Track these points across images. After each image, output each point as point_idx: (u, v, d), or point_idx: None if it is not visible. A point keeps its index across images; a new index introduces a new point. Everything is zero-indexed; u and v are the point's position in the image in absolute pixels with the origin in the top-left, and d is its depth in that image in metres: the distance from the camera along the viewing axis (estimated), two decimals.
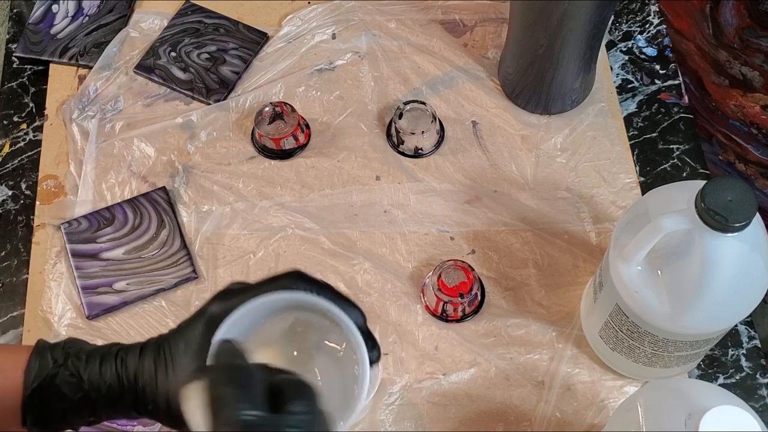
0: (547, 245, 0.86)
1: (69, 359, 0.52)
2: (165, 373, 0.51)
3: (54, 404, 0.51)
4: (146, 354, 0.52)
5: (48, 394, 0.51)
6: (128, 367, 0.52)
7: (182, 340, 0.51)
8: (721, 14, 1.05)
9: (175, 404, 0.48)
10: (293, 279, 0.52)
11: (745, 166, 1.15)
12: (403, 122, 0.90)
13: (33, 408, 0.51)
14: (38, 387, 0.51)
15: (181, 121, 0.94)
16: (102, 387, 0.51)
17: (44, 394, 0.51)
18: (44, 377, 0.51)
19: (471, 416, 0.78)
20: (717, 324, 0.67)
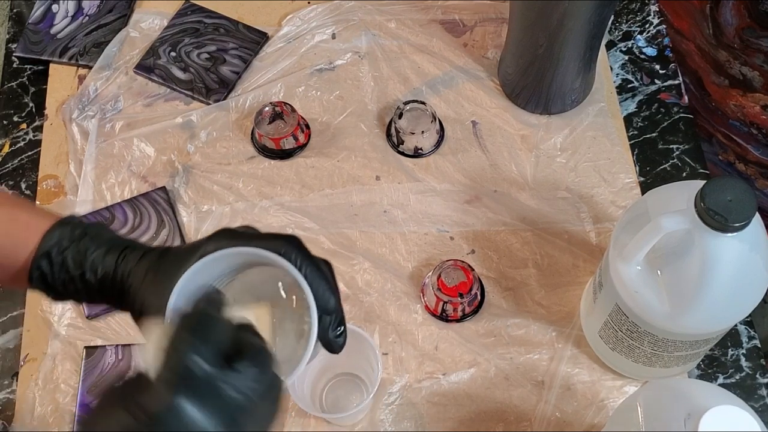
0: (547, 245, 0.86)
1: (83, 239, 0.55)
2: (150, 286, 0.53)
3: (57, 272, 0.55)
4: (144, 261, 0.54)
5: (55, 262, 0.55)
6: (127, 264, 0.55)
7: (176, 262, 0.53)
8: (721, 14, 1.05)
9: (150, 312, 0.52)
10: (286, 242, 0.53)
11: (745, 166, 1.15)
12: (403, 122, 0.90)
13: (40, 270, 0.55)
14: (48, 253, 0.55)
15: (181, 121, 0.94)
16: (98, 273, 0.55)
17: (52, 261, 0.55)
18: (57, 247, 0.55)
19: (471, 416, 0.78)
20: (717, 324, 0.67)
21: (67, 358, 0.81)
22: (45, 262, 0.55)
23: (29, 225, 0.56)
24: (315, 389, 0.78)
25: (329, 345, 0.54)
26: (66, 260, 0.55)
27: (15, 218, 0.57)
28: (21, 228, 0.56)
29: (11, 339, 0.83)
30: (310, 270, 0.53)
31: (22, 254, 0.55)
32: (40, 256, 0.55)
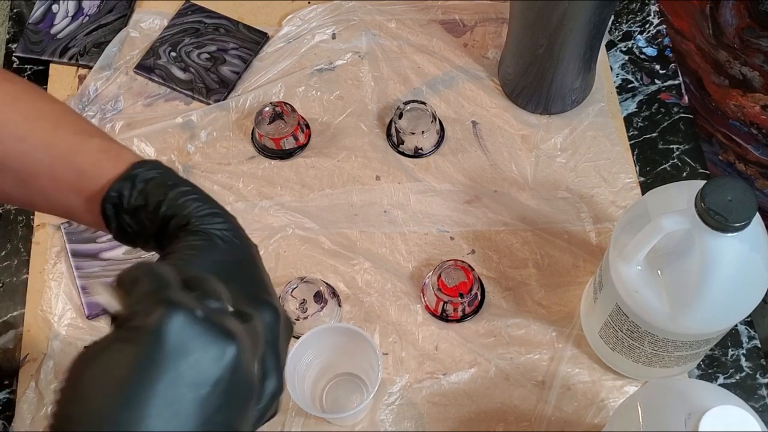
0: (547, 245, 0.86)
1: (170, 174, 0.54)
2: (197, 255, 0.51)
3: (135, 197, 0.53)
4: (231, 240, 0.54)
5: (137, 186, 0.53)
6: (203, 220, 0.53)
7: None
8: (721, 14, 1.05)
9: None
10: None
11: (745, 166, 1.15)
12: (403, 122, 0.90)
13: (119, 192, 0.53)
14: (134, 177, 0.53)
15: (181, 121, 0.94)
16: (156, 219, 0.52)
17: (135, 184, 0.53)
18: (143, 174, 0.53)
19: (471, 416, 0.78)
20: (717, 324, 0.67)
21: (67, 358, 0.81)
22: (127, 185, 0.53)
23: (119, 156, 0.55)
24: (315, 389, 0.78)
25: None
26: (149, 183, 0.53)
27: (106, 149, 0.55)
28: (111, 157, 0.54)
29: (11, 339, 0.83)
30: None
31: (104, 180, 0.53)
32: (124, 179, 0.53)
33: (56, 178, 0.55)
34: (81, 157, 0.55)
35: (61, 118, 0.57)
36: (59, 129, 0.56)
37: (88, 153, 0.55)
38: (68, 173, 0.55)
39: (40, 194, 0.57)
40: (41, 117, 0.57)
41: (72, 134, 0.56)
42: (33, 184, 0.56)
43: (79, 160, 0.55)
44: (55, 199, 0.57)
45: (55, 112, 0.58)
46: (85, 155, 0.55)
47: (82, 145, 0.55)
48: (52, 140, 0.55)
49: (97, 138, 0.56)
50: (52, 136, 0.56)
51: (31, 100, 0.58)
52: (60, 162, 0.55)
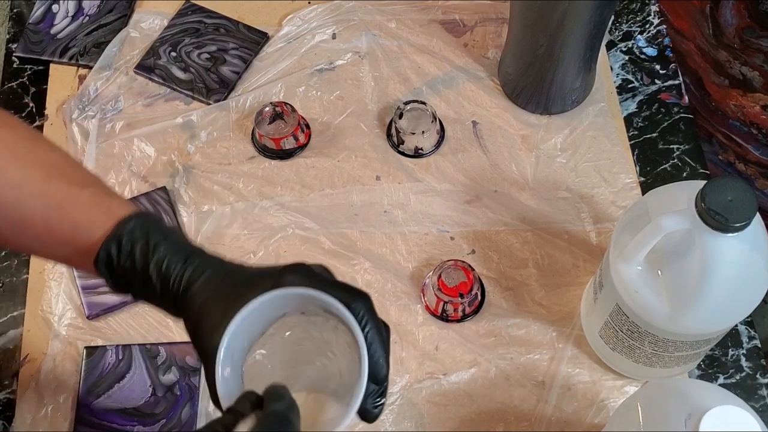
0: (547, 245, 0.86)
1: (156, 234, 0.56)
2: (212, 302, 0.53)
3: (123, 260, 0.55)
4: (210, 273, 0.54)
5: (123, 249, 0.55)
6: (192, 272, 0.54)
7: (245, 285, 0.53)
8: (721, 14, 1.05)
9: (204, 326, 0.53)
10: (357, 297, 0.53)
11: (745, 166, 1.15)
12: (403, 122, 0.90)
13: (107, 252, 0.55)
14: (120, 239, 0.55)
15: (181, 121, 0.94)
16: (161, 270, 0.55)
17: (121, 247, 0.55)
18: (129, 235, 0.55)
19: (471, 416, 0.78)
20: (717, 324, 0.67)
21: (67, 358, 0.81)
22: (114, 247, 0.55)
23: (110, 210, 0.57)
24: None
25: (364, 413, 0.53)
26: (134, 249, 0.55)
27: (99, 201, 0.57)
28: (102, 211, 0.56)
29: (11, 339, 0.83)
30: (372, 333, 0.52)
31: (95, 236, 0.56)
32: (111, 240, 0.55)
33: (50, 227, 0.57)
34: (74, 209, 0.57)
35: (57, 167, 0.59)
36: (54, 178, 0.58)
37: (81, 205, 0.57)
38: (62, 224, 0.57)
39: (36, 241, 0.59)
40: (37, 165, 0.58)
41: (66, 184, 0.58)
42: (28, 232, 0.58)
43: (72, 213, 0.57)
44: (50, 248, 0.59)
45: (51, 160, 0.59)
46: (78, 207, 0.57)
47: (75, 197, 0.57)
48: (46, 189, 0.57)
49: (89, 189, 0.58)
50: (47, 186, 0.57)
51: (29, 148, 0.59)
52: (54, 212, 0.57)
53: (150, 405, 0.78)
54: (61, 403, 0.79)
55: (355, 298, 0.52)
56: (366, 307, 0.53)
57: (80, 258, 0.57)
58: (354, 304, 0.52)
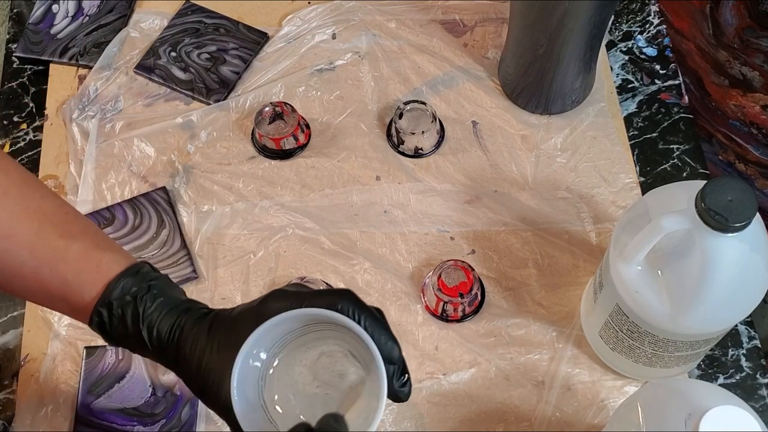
0: (547, 245, 0.86)
1: (145, 295, 0.56)
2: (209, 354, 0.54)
3: (115, 324, 0.56)
4: (197, 329, 0.55)
5: (114, 314, 0.56)
6: (182, 331, 0.55)
7: (232, 327, 0.54)
8: (721, 14, 1.05)
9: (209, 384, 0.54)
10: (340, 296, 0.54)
11: (745, 166, 1.15)
12: (403, 122, 0.90)
13: (99, 317, 0.56)
14: (110, 304, 0.56)
15: (181, 121, 0.94)
16: (153, 333, 0.56)
17: (112, 312, 0.56)
18: (118, 300, 0.56)
19: (471, 416, 0.78)
20: (717, 324, 0.67)
21: (67, 358, 0.81)
22: (105, 312, 0.56)
23: (99, 266, 0.57)
24: None
25: (395, 395, 0.54)
26: (125, 315, 0.56)
27: (88, 256, 0.57)
28: (92, 268, 0.57)
29: (11, 339, 0.83)
30: (369, 321, 0.53)
31: (86, 296, 0.56)
32: (102, 305, 0.56)
33: (41, 281, 0.57)
34: (64, 265, 0.57)
35: (48, 216, 0.58)
36: (45, 229, 0.57)
37: (71, 261, 0.57)
38: (52, 280, 0.57)
39: (26, 292, 0.59)
40: (28, 214, 0.58)
41: (57, 237, 0.57)
42: (18, 283, 0.58)
43: (62, 269, 0.57)
44: (41, 299, 0.60)
45: (43, 209, 0.59)
46: (68, 264, 0.57)
47: (65, 252, 0.57)
48: (36, 242, 0.57)
49: (80, 242, 0.58)
50: (37, 238, 0.57)
51: (21, 194, 0.58)
52: (44, 266, 0.57)
53: (150, 405, 0.78)
54: (61, 403, 0.79)
55: (338, 299, 0.53)
56: (351, 301, 0.53)
57: (73, 314, 0.58)
58: (339, 305, 0.53)
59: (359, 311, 0.53)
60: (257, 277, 0.85)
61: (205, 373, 0.54)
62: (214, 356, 0.54)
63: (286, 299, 0.54)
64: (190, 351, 0.55)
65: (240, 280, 0.85)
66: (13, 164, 0.61)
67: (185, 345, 0.55)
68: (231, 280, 0.85)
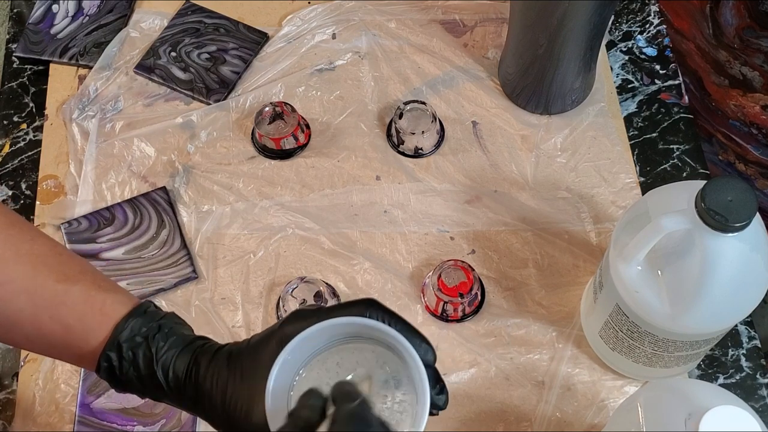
0: (547, 245, 0.86)
1: (157, 335, 0.54)
2: (233, 385, 0.52)
3: (126, 368, 0.54)
4: (216, 363, 0.53)
5: (125, 358, 0.53)
6: (199, 368, 0.53)
7: (254, 355, 0.52)
8: (721, 14, 1.05)
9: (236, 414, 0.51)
10: (366, 306, 0.52)
11: (745, 166, 1.15)
12: (403, 122, 0.90)
13: (108, 362, 0.53)
14: (120, 347, 0.53)
15: (181, 121, 0.94)
16: (169, 375, 0.53)
17: (122, 356, 0.53)
18: (128, 342, 0.53)
19: (471, 416, 0.78)
20: (717, 324, 0.67)
21: None
22: (114, 356, 0.53)
23: (103, 309, 0.54)
24: None
25: (432, 404, 0.51)
26: (137, 357, 0.53)
27: (90, 299, 0.55)
28: (95, 311, 0.54)
29: None
30: (400, 326, 0.51)
31: (92, 341, 0.54)
32: (111, 348, 0.53)
33: (41, 329, 0.54)
34: (65, 310, 0.54)
35: (42, 259, 0.55)
36: (41, 273, 0.54)
37: (72, 306, 0.54)
38: (53, 326, 0.54)
39: (26, 341, 0.56)
40: (20, 260, 0.55)
41: (54, 281, 0.54)
42: (17, 332, 0.55)
43: (64, 314, 0.54)
44: (43, 348, 0.56)
45: (35, 252, 0.56)
46: (69, 308, 0.54)
47: (65, 296, 0.54)
48: (33, 288, 0.54)
49: (79, 285, 0.55)
50: (33, 284, 0.54)
51: (9, 240, 0.55)
52: (43, 313, 0.54)
53: (150, 405, 0.78)
54: (61, 403, 0.79)
55: (364, 309, 0.52)
56: (380, 309, 0.52)
57: (78, 361, 0.55)
58: (368, 314, 0.51)
59: (389, 318, 0.51)
60: (257, 277, 0.85)
61: (232, 404, 0.51)
62: (239, 386, 0.51)
63: (306, 319, 0.51)
64: (211, 386, 0.52)
65: (240, 280, 0.85)
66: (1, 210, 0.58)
67: (205, 381, 0.53)
68: (231, 280, 0.85)
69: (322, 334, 0.51)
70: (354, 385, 0.48)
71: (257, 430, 0.50)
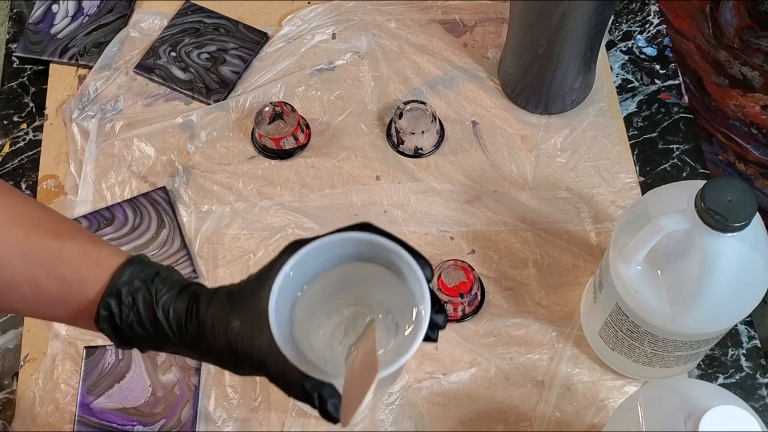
0: (547, 245, 0.86)
1: (155, 278, 0.54)
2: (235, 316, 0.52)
3: (126, 313, 0.53)
4: (216, 300, 0.53)
5: (125, 302, 0.53)
6: (199, 306, 0.53)
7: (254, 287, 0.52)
8: (721, 14, 1.05)
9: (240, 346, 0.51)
10: (362, 228, 0.52)
11: (745, 166, 1.15)
12: (403, 122, 0.90)
13: (108, 309, 0.53)
14: (119, 292, 0.53)
15: (181, 121, 0.94)
16: (170, 315, 0.53)
17: (122, 300, 0.53)
18: (128, 286, 0.53)
19: (471, 416, 0.78)
20: (717, 324, 0.67)
21: (67, 358, 0.81)
22: (114, 302, 0.53)
23: (99, 261, 0.54)
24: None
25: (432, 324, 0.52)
26: (136, 301, 0.53)
27: (86, 253, 0.55)
28: (91, 264, 0.54)
29: (11, 339, 0.83)
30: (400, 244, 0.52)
31: (90, 292, 0.54)
32: (110, 295, 0.53)
33: (38, 286, 0.54)
34: (61, 265, 0.54)
35: (34, 220, 0.56)
36: (34, 233, 0.55)
37: (67, 261, 0.54)
38: (50, 283, 0.54)
39: (23, 303, 0.56)
40: (13, 222, 0.55)
41: (48, 239, 0.55)
42: (13, 294, 0.55)
43: (59, 269, 0.54)
44: (39, 308, 0.56)
45: (27, 214, 0.56)
46: (65, 263, 0.54)
47: (60, 252, 0.54)
48: (27, 247, 0.54)
49: (73, 240, 0.55)
50: (27, 243, 0.54)
51: (1, 206, 0.56)
52: (39, 270, 0.54)
53: (150, 405, 0.78)
54: (60, 403, 0.79)
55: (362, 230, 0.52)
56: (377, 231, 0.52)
57: (76, 317, 0.55)
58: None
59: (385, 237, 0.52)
60: None
61: (234, 334, 0.51)
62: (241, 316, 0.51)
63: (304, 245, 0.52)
64: (213, 321, 0.52)
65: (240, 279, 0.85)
66: None
67: (206, 317, 0.52)
68: (231, 279, 0.85)
69: (321, 251, 0.52)
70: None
71: (261, 354, 0.51)
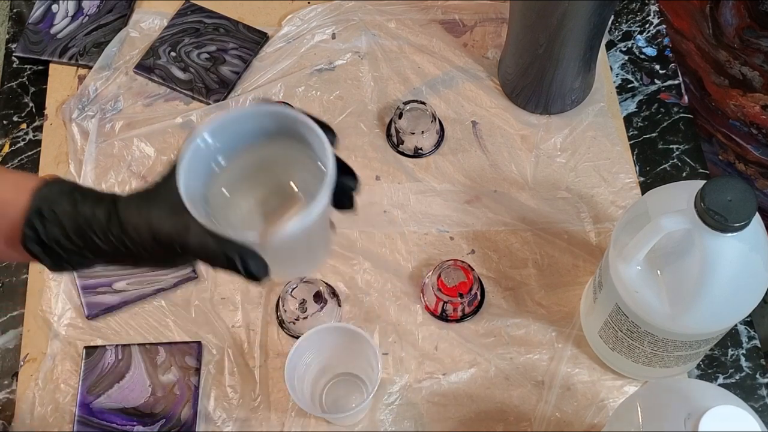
0: (547, 245, 0.86)
1: (74, 192, 0.54)
2: (155, 206, 0.52)
3: (50, 229, 0.53)
4: (137, 196, 0.54)
5: (48, 218, 0.53)
6: (118, 207, 0.53)
7: (168, 175, 0.53)
8: (721, 14, 1.05)
9: (162, 235, 0.52)
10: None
11: (745, 166, 1.15)
12: (403, 122, 0.90)
13: (33, 228, 0.53)
14: (39, 210, 0.53)
15: (181, 121, 0.94)
16: (92, 222, 0.53)
17: (44, 216, 0.53)
18: (48, 203, 0.53)
19: (471, 416, 0.78)
20: (717, 324, 0.67)
21: (67, 358, 0.81)
22: (37, 220, 0.53)
23: (17, 184, 0.55)
24: (315, 389, 0.78)
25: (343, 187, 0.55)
26: (58, 214, 0.53)
27: (3, 180, 0.55)
28: (9, 187, 0.54)
29: (11, 339, 0.83)
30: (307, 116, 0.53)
31: (12, 214, 0.54)
32: (32, 213, 0.53)
33: None
34: None
35: None
36: None
37: None
38: None
39: None
40: None
41: None
42: None
43: None
44: None
45: None
46: None
47: None
48: None
49: None
50: None
51: None
52: None
53: (150, 405, 0.78)
54: (60, 403, 0.79)
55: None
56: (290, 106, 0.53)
57: (6, 248, 0.55)
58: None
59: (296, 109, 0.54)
60: None
61: (156, 226, 0.52)
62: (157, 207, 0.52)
63: None
64: (133, 218, 0.52)
65: (239, 280, 0.84)
66: None
67: (126, 216, 0.53)
68: (231, 280, 0.85)
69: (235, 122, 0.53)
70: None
71: (181, 235, 0.51)
